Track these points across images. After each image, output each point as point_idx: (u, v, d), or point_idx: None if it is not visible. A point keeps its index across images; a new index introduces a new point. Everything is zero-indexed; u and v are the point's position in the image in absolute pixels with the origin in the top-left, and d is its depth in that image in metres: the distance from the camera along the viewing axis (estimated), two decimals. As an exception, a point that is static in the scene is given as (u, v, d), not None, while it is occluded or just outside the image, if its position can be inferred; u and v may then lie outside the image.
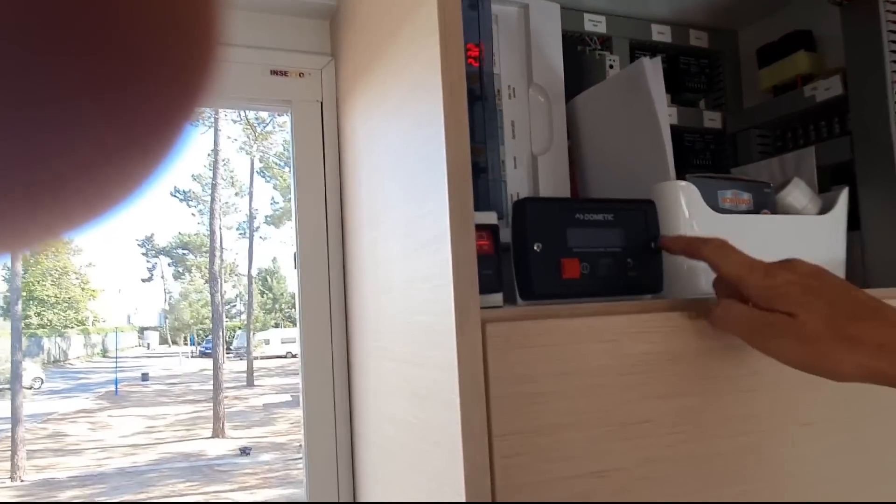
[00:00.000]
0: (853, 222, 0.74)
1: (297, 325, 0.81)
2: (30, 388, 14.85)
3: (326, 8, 0.83)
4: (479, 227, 0.54)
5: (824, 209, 0.73)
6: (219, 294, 13.43)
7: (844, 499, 0.59)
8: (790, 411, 0.58)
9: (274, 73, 0.81)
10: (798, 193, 0.74)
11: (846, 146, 0.77)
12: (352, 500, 0.81)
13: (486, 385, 0.48)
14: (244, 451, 9.79)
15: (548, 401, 0.50)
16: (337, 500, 0.80)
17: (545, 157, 0.77)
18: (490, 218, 0.56)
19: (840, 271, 0.72)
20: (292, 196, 0.82)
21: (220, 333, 12.99)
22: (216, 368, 11.72)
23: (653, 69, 0.68)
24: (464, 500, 0.46)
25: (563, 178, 0.77)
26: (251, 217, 18.50)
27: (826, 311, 0.45)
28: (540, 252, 0.55)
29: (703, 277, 0.63)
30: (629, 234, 0.59)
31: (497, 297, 0.56)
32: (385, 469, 0.69)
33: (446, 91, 0.50)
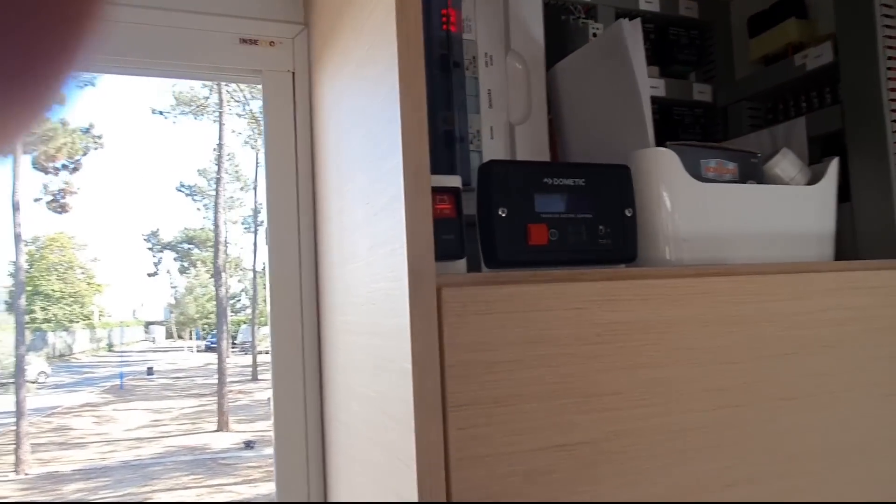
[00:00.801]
0: (844, 193, 0.71)
1: (268, 302, 0.79)
2: (34, 383, 14.92)
3: (299, -25, 0.80)
4: (440, 190, 0.51)
5: (813, 180, 0.70)
6: (223, 288, 13.45)
7: (826, 475, 0.56)
8: (770, 385, 0.55)
9: (244, 41, 0.78)
10: (786, 164, 0.71)
11: (837, 116, 0.74)
12: (322, 482, 0.78)
13: (440, 353, 0.45)
14: (248, 445, 9.81)
15: (507, 370, 0.47)
16: (307, 483, 0.77)
17: (523, 126, 0.74)
18: (453, 182, 0.53)
19: (829, 243, 0.69)
20: (264, 166, 0.79)
21: (225, 328, 13.01)
22: (221, 363, 11.74)
23: (632, 31, 0.65)
24: (415, 473, 0.44)
25: (542, 148, 0.74)
26: (256, 211, 18.52)
27: None
28: (505, 217, 0.53)
29: (677, 246, 0.60)
30: (602, 200, 0.56)
31: (460, 264, 0.53)
32: (348, 445, 0.66)
33: (402, 43, 0.47)
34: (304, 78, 0.81)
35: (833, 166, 0.70)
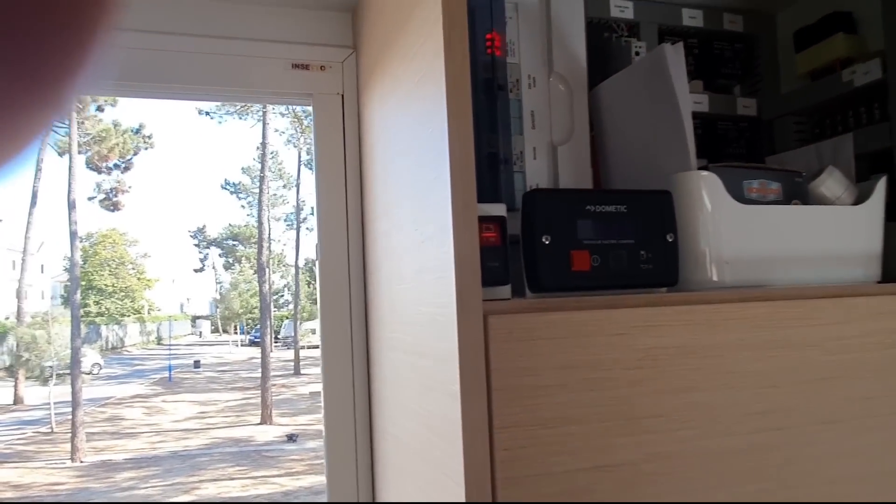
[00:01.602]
0: (892, 212, 0.71)
1: (318, 315, 0.82)
2: (89, 374, 15.54)
3: (348, 0, 0.83)
4: (486, 220, 0.54)
5: (860, 199, 0.70)
6: (267, 284, 13.74)
7: (868, 500, 0.56)
8: (811, 409, 0.55)
9: (296, 66, 0.82)
10: (832, 182, 0.70)
11: (886, 133, 0.73)
12: (371, 488, 0.82)
13: (487, 377, 0.48)
14: (291, 438, 10.02)
15: (551, 394, 0.49)
16: (356, 489, 0.81)
17: (566, 147, 0.75)
18: (498, 210, 0.56)
19: (877, 264, 0.69)
20: (315, 188, 0.83)
21: (269, 322, 13.29)
22: (264, 357, 12.01)
23: (674, 55, 0.66)
24: (463, 491, 0.46)
25: (584, 169, 0.76)
26: (298, 208, 18.85)
27: None
28: (549, 244, 0.55)
29: (720, 268, 0.61)
30: (643, 225, 0.57)
31: (505, 290, 0.55)
32: (397, 458, 0.69)
33: (450, 82, 0.49)
34: (353, 99, 0.84)
35: (881, 185, 0.69)
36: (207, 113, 16.91)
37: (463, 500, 0.46)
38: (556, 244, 0.55)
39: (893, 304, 0.60)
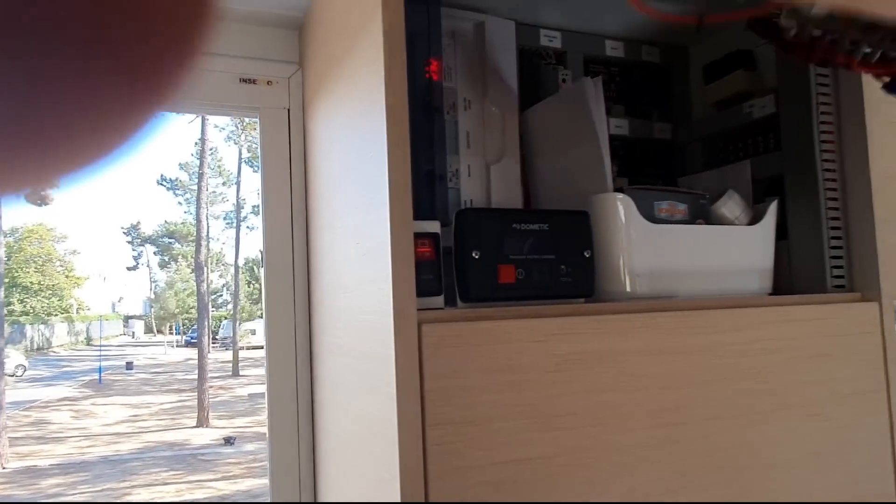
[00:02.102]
0: (782, 232, 0.80)
1: (263, 319, 0.86)
2: (12, 376, 14.76)
3: (295, 19, 0.87)
4: (422, 236, 0.59)
5: (755, 219, 0.79)
6: (205, 283, 13.39)
7: (753, 486, 0.64)
8: (704, 406, 0.63)
9: (243, 80, 0.85)
10: (731, 205, 0.79)
11: (778, 161, 0.82)
12: (313, 488, 0.86)
13: (420, 379, 0.53)
14: (228, 441, 9.82)
15: (477, 394, 0.55)
16: (298, 489, 0.85)
17: (497, 166, 0.82)
18: (433, 227, 0.61)
19: (768, 278, 0.78)
20: (260, 198, 0.86)
21: (206, 323, 12.97)
22: (201, 358, 11.72)
23: (594, 88, 0.73)
24: (399, 483, 0.52)
25: (514, 186, 0.82)
26: (238, 207, 18.44)
27: None
28: (478, 259, 0.60)
29: (632, 280, 0.69)
30: (563, 242, 0.64)
31: (438, 300, 0.61)
32: (338, 456, 0.74)
33: (389, 112, 0.54)
34: (299, 114, 0.88)
35: (773, 207, 0.78)
36: (143, 106, 16.28)
37: (398, 491, 0.51)
38: (484, 258, 0.61)
39: (777, 314, 0.69)
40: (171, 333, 24.88)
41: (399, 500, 0.51)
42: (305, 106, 0.87)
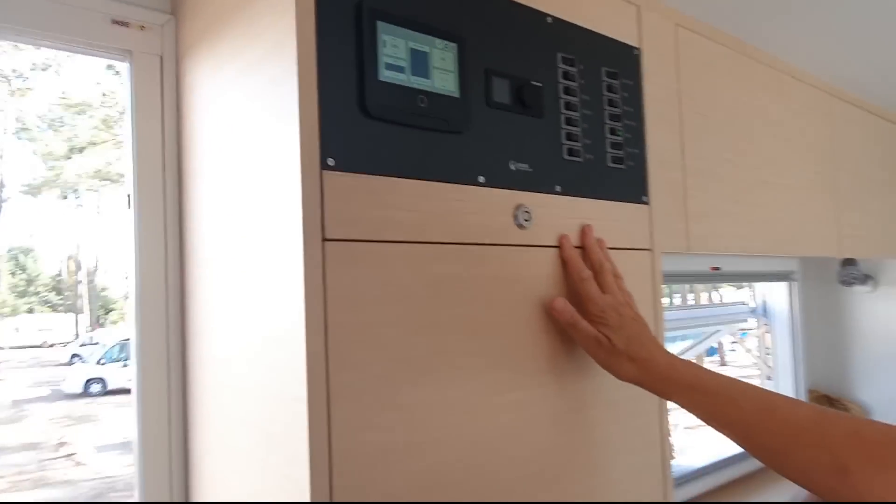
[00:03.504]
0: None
1: (133, 300, 0.85)
2: None
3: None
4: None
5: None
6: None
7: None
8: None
9: (115, 22, 0.85)
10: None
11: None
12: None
13: (324, 289, 0.62)
14: (-14, 454, 8.47)
15: (370, 304, 0.65)
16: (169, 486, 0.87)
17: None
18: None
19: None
20: (130, 148, 0.86)
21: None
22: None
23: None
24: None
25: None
26: (1, 185, 15.90)
27: (625, 339, 0.77)
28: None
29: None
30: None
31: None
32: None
33: (301, 50, 0.62)
34: (172, 64, 0.90)
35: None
36: None
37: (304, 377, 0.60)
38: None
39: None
40: None
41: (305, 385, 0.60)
42: (181, 57, 0.89)
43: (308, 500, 0.60)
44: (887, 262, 2.08)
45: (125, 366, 12.90)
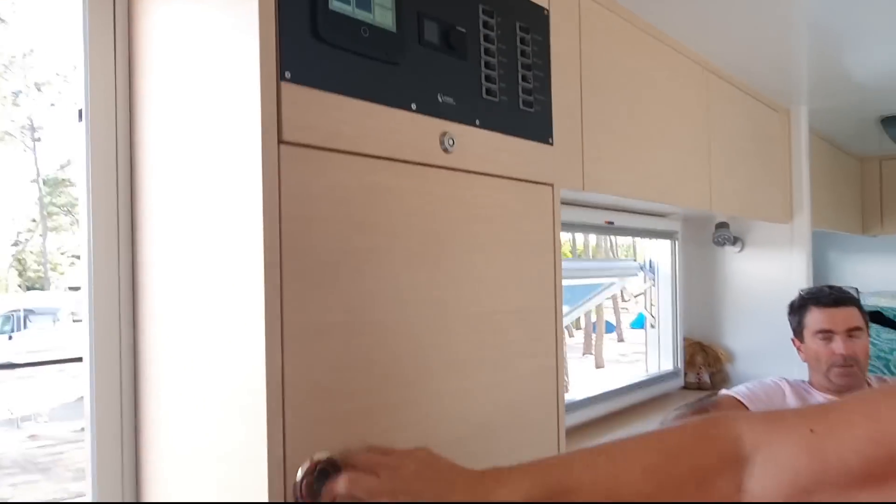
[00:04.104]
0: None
1: (85, 209, 0.90)
2: None
3: None
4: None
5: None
6: None
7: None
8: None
9: (66, -53, 0.90)
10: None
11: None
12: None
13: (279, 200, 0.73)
14: None
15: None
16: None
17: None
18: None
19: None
20: (83, 64, 0.91)
21: None
22: None
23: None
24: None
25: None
26: None
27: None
28: (315, 112, 0.81)
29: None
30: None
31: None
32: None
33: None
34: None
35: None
36: None
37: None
38: (320, 113, 0.82)
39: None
40: None
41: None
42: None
43: (263, 366, 0.71)
44: (753, 226, 2.40)
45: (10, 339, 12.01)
